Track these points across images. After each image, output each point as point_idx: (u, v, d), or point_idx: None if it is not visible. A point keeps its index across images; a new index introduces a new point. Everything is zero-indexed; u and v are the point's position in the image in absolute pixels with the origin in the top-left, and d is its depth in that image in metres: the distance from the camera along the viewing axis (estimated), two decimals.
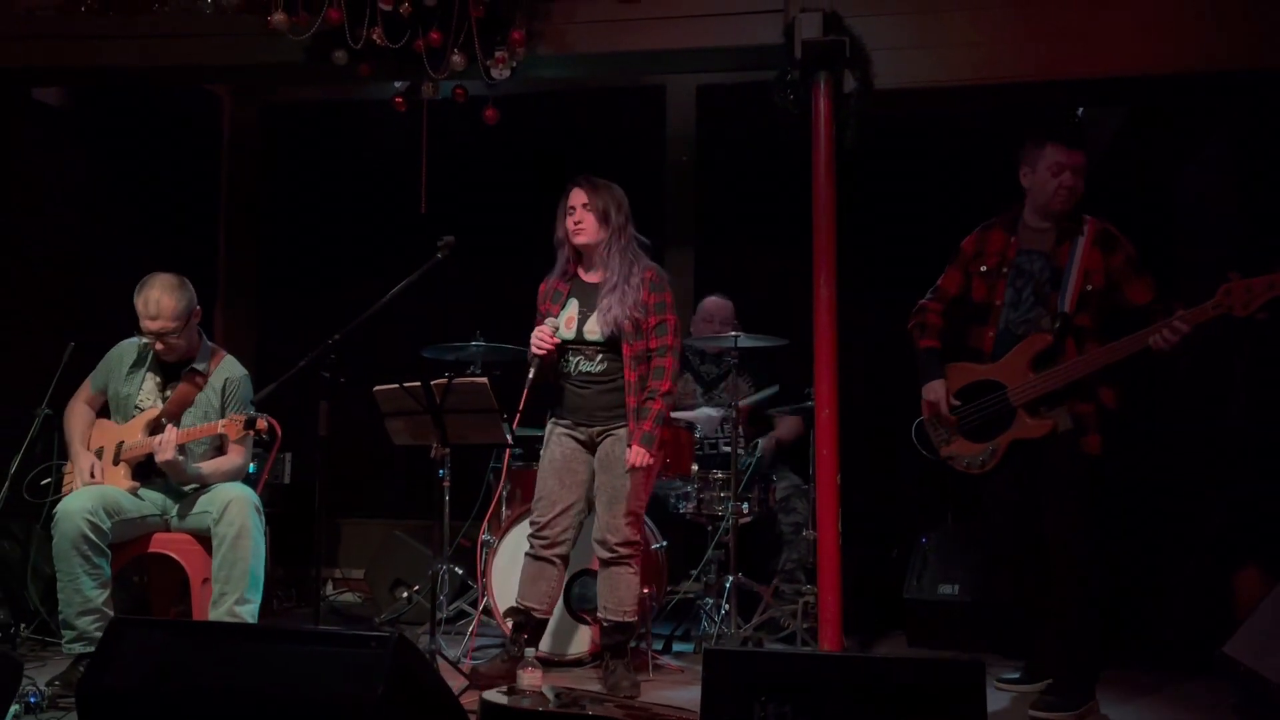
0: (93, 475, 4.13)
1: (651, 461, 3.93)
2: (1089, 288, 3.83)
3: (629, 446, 3.93)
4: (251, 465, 5.04)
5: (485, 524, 4.81)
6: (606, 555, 4.02)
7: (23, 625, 4.58)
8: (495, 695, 3.25)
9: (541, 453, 4.15)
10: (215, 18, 4.66)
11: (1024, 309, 3.92)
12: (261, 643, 2.70)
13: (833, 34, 4.20)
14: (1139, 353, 3.71)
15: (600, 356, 4.06)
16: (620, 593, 4.02)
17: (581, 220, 4.04)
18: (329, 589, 6.00)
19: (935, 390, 4.03)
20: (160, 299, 4.05)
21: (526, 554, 4.13)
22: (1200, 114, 4.95)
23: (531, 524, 4.11)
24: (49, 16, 4.91)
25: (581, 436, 4.10)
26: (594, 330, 4.03)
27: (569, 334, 4.05)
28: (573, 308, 4.09)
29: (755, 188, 5.88)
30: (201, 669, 2.66)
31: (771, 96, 4.36)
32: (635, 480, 3.99)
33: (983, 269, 4.00)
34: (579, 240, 4.05)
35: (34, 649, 4.49)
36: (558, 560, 4.11)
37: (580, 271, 4.14)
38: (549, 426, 4.16)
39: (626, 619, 4.04)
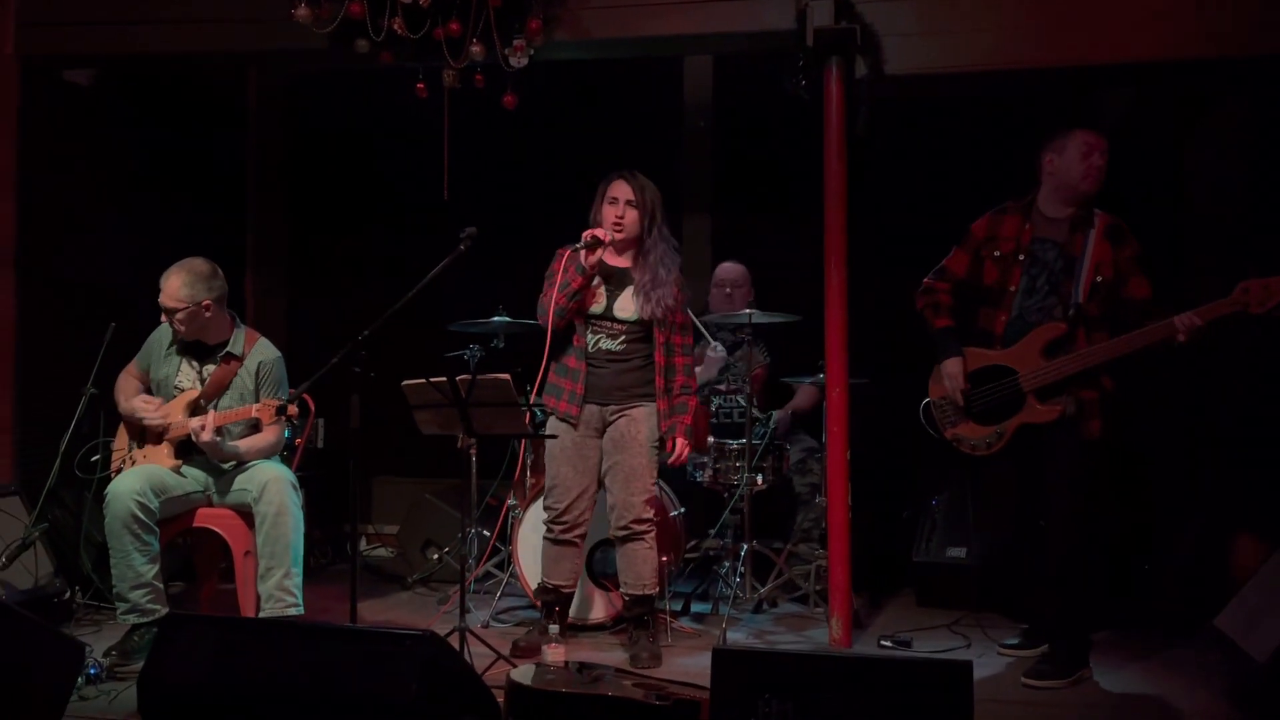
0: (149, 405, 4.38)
1: (690, 450, 4.31)
2: (1099, 279, 3.95)
3: (674, 438, 4.25)
4: (287, 431, 5.31)
5: (511, 491, 5.04)
6: (624, 533, 4.22)
7: (77, 589, 4.86)
8: (520, 674, 3.48)
9: (549, 442, 4.29)
10: (241, 4, 4.74)
11: (1039, 296, 4.04)
12: (305, 640, 2.93)
13: (844, 20, 4.26)
14: (1154, 344, 3.83)
15: (623, 336, 4.22)
16: (639, 568, 4.23)
17: (624, 215, 4.20)
18: (363, 544, 6.25)
19: (954, 365, 4.14)
20: (170, 277, 4.27)
21: (546, 538, 4.33)
22: (1210, 98, 4.98)
23: (547, 510, 4.31)
24: (78, 1, 5.02)
25: (594, 419, 4.25)
26: (626, 309, 4.20)
27: (598, 309, 4.21)
28: (601, 286, 4.22)
29: (772, 155, 5.96)
30: (250, 665, 2.89)
31: (782, 83, 4.43)
32: (649, 459, 4.19)
33: (996, 253, 4.10)
34: (621, 236, 4.19)
35: (89, 613, 4.76)
36: (578, 540, 4.33)
37: (606, 255, 4.24)
38: (552, 418, 4.31)
39: (647, 592, 4.25)
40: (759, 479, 4.88)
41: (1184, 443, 5.09)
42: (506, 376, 3.68)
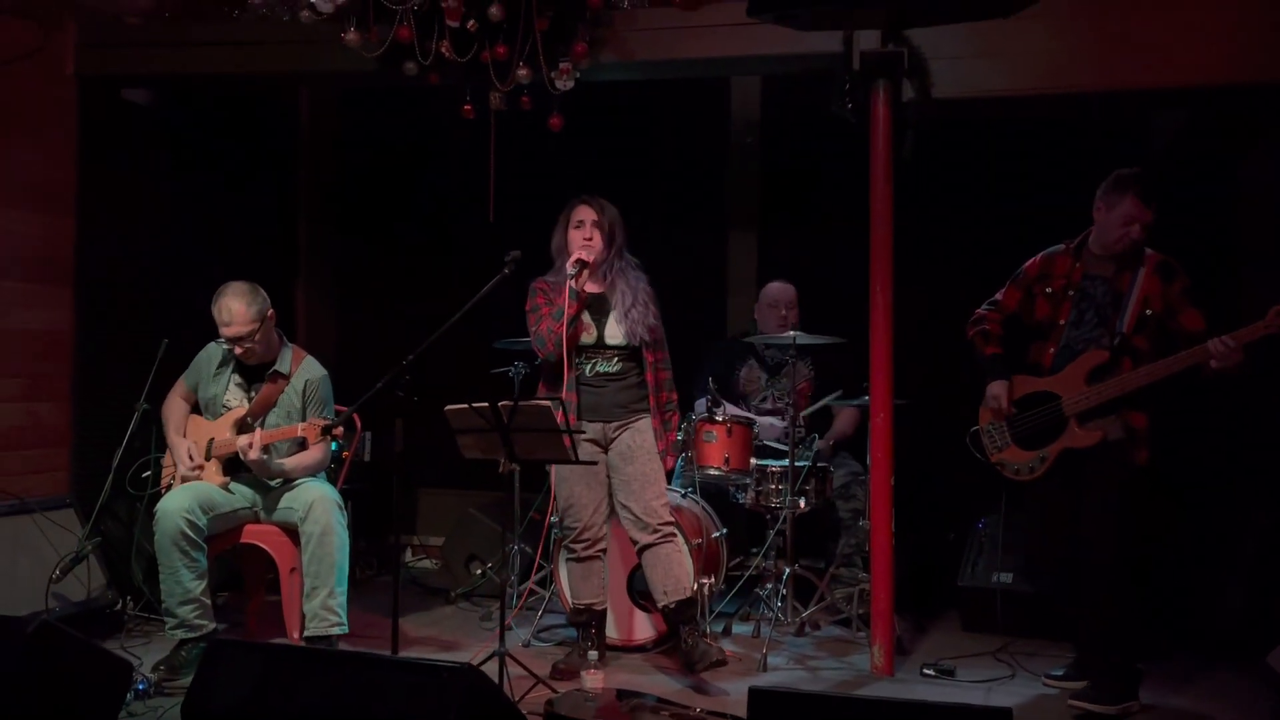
0: (190, 458, 4.43)
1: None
2: (1148, 312, 3.98)
3: (663, 452, 4.32)
4: (336, 444, 5.36)
5: (550, 508, 5.05)
6: (651, 539, 4.26)
7: (129, 600, 4.95)
8: (560, 702, 3.50)
9: (557, 465, 4.33)
10: (292, 26, 4.80)
11: (1086, 328, 4.08)
12: (346, 670, 2.96)
13: (891, 43, 4.23)
14: (1191, 370, 3.83)
15: (617, 359, 4.35)
16: (674, 571, 4.27)
17: (592, 237, 4.28)
18: (408, 555, 6.31)
19: (999, 386, 4.21)
20: (232, 306, 4.30)
21: (569, 559, 4.42)
22: (1266, 120, 4.89)
23: (566, 531, 4.38)
24: (135, 24, 5.13)
25: (597, 437, 4.34)
26: (615, 335, 4.31)
27: (590, 339, 4.31)
28: (586, 317, 4.32)
29: (820, 172, 5.92)
30: (292, 692, 2.92)
31: (828, 105, 4.41)
32: (659, 465, 4.33)
33: (1048, 290, 4.17)
34: (589, 256, 4.24)
35: (139, 624, 4.84)
36: (601, 555, 4.40)
37: (577, 282, 4.27)
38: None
39: (687, 595, 4.27)
40: (801, 502, 4.85)
41: (1236, 473, 5.00)
42: (548, 404, 3.69)
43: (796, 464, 4.84)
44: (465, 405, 3.78)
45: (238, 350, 4.37)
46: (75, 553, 4.63)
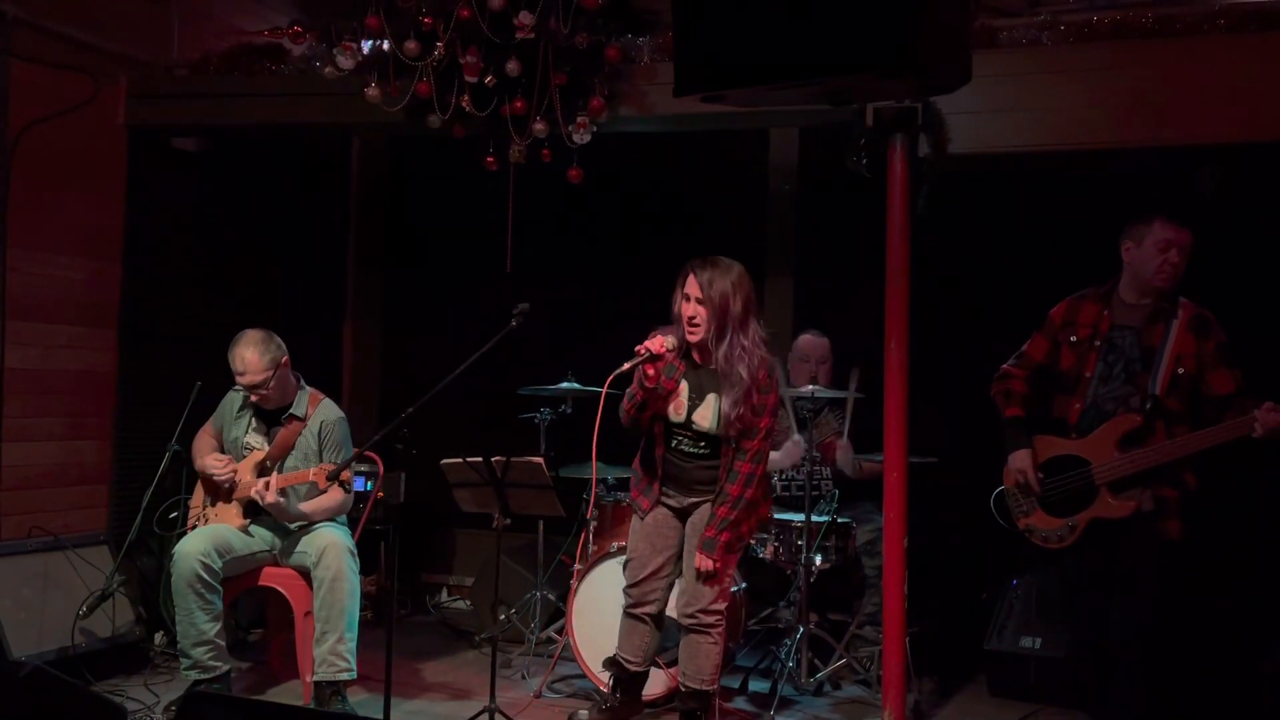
0: (220, 462, 4.53)
1: (713, 567, 4.01)
2: (1180, 371, 3.80)
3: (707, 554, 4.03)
4: (368, 483, 5.44)
5: (578, 554, 5.06)
6: (689, 622, 4.11)
7: (160, 634, 5.09)
8: None
9: (634, 516, 4.27)
10: (328, 80, 4.91)
11: (1114, 384, 3.92)
12: None
13: (906, 100, 4.15)
14: (1232, 441, 3.67)
15: (704, 442, 4.13)
16: (700, 661, 4.11)
17: (695, 316, 3.96)
18: (443, 595, 6.38)
19: (1023, 459, 4.05)
20: (246, 355, 4.39)
21: (624, 608, 4.29)
22: None
23: (626, 579, 4.29)
24: (184, 76, 5.32)
25: (674, 504, 4.23)
26: (704, 419, 4.06)
27: (679, 419, 4.10)
28: (684, 392, 4.08)
29: (858, 219, 5.82)
30: None
31: (844, 160, 4.35)
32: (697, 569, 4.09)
33: (1073, 339, 4.00)
34: (693, 339, 3.99)
35: (166, 660, 4.94)
36: (648, 619, 4.25)
37: (694, 352, 4.11)
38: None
39: (704, 688, 4.12)
40: (818, 559, 4.76)
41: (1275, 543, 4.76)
42: (540, 460, 3.70)
43: (817, 519, 4.76)
44: (460, 460, 3.81)
45: (253, 397, 4.47)
46: (102, 590, 4.75)
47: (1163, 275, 3.82)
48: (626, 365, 3.89)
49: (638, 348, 3.93)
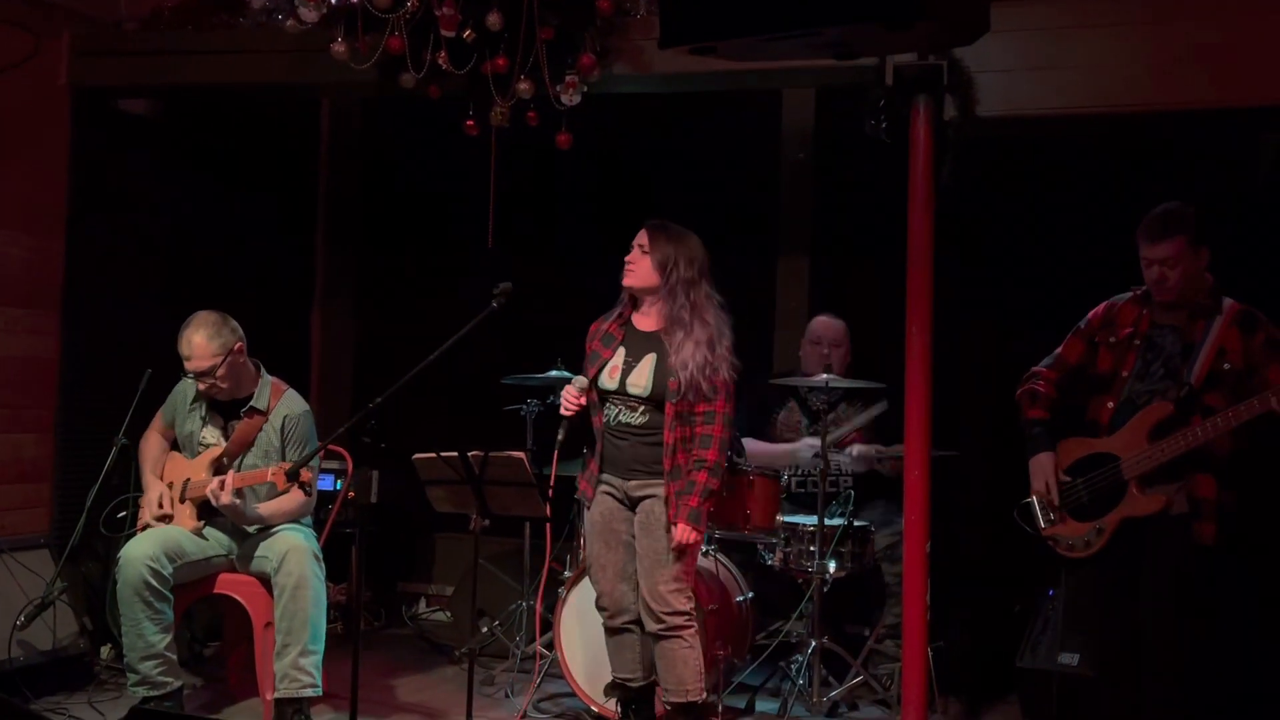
0: (160, 506, 4.17)
1: (697, 539, 3.75)
2: (1225, 366, 3.59)
3: (672, 522, 3.72)
4: (337, 481, 5.05)
5: (566, 562, 4.69)
6: (655, 627, 3.77)
7: (107, 647, 4.71)
8: None
9: (584, 515, 3.98)
10: (292, 35, 4.54)
11: (1151, 380, 3.71)
12: None
13: (930, 56, 3.76)
14: (1262, 418, 3.43)
15: (642, 408, 3.85)
16: (678, 671, 3.77)
17: (634, 262, 3.87)
18: (421, 606, 5.99)
19: (1043, 466, 3.83)
20: (193, 339, 4.04)
21: (603, 626, 3.98)
22: None
23: (595, 591, 3.96)
24: (133, 30, 4.95)
25: (618, 494, 3.90)
26: (637, 384, 3.83)
27: (611, 384, 3.86)
28: (619, 356, 3.88)
29: (877, 192, 5.40)
30: None
31: (863, 125, 3.96)
32: (678, 544, 3.77)
33: (1112, 340, 3.82)
34: (626, 281, 3.88)
35: (113, 676, 4.57)
36: (632, 627, 3.92)
37: (633, 317, 3.94)
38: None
39: (689, 699, 3.79)
40: (832, 566, 4.37)
41: None
42: (521, 455, 3.32)
43: (831, 523, 4.37)
44: (433, 455, 3.42)
45: (201, 386, 4.08)
46: (42, 598, 4.37)
47: (1157, 291, 3.65)
48: (561, 436, 3.91)
49: (562, 410, 3.91)
